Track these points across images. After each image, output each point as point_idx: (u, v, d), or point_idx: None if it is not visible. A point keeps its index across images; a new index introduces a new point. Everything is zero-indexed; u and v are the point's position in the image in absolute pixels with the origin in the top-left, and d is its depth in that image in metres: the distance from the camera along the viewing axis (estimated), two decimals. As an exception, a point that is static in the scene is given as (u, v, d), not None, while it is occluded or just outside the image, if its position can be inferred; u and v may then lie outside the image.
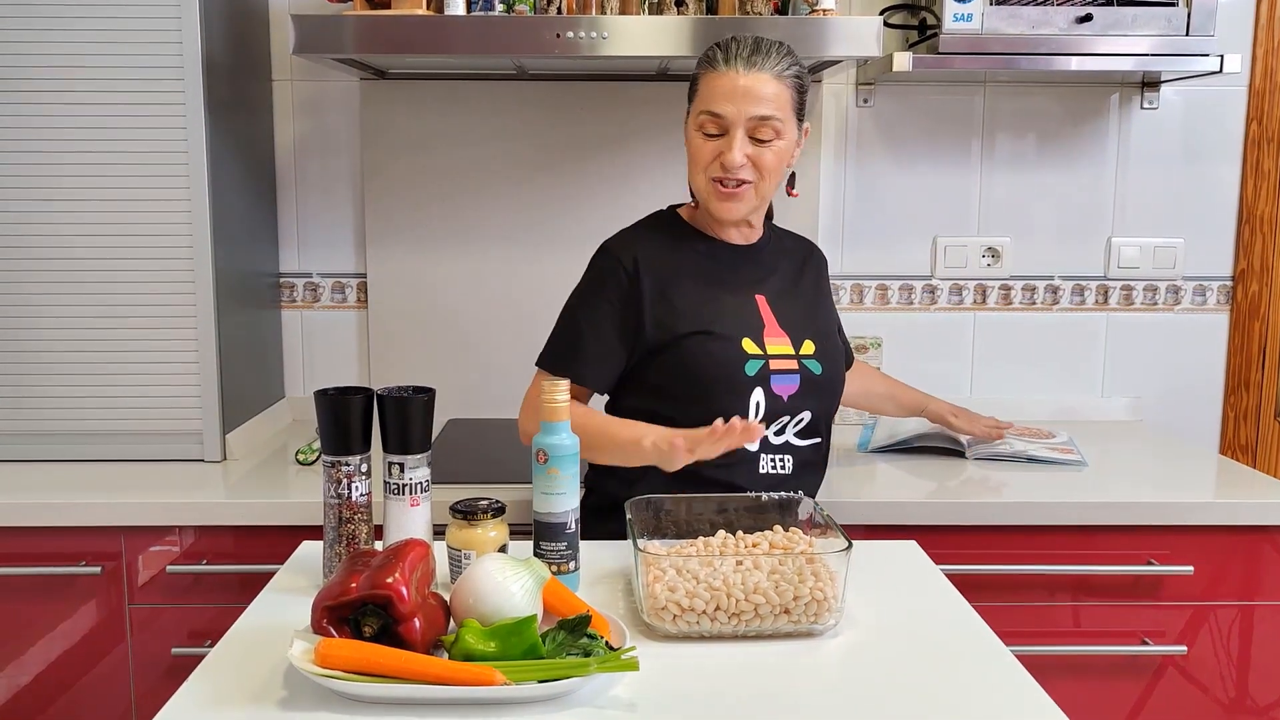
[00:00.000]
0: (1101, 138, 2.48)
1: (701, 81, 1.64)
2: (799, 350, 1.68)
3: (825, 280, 1.86)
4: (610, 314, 1.67)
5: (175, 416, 2.12)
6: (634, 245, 1.71)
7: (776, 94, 1.60)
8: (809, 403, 1.68)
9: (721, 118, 1.59)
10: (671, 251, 1.71)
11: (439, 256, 2.46)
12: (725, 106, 1.59)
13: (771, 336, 1.67)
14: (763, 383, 1.64)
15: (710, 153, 1.62)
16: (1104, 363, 2.56)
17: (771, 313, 1.70)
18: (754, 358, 1.64)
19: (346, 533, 1.34)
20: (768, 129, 1.60)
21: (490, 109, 2.41)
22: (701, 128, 1.62)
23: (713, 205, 1.66)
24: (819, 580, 1.24)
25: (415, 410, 1.33)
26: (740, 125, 1.59)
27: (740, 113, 1.58)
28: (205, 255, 2.07)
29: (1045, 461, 2.14)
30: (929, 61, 2.16)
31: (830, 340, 1.76)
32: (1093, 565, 1.93)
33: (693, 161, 1.66)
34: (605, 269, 1.70)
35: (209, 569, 1.91)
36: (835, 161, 2.49)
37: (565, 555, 1.34)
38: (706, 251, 1.73)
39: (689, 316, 1.66)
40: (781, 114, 1.61)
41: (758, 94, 1.58)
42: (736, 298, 1.69)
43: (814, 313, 1.77)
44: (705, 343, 1.64)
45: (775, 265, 1.77)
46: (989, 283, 2.53)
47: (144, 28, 2.01)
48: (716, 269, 1.71)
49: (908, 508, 1.91)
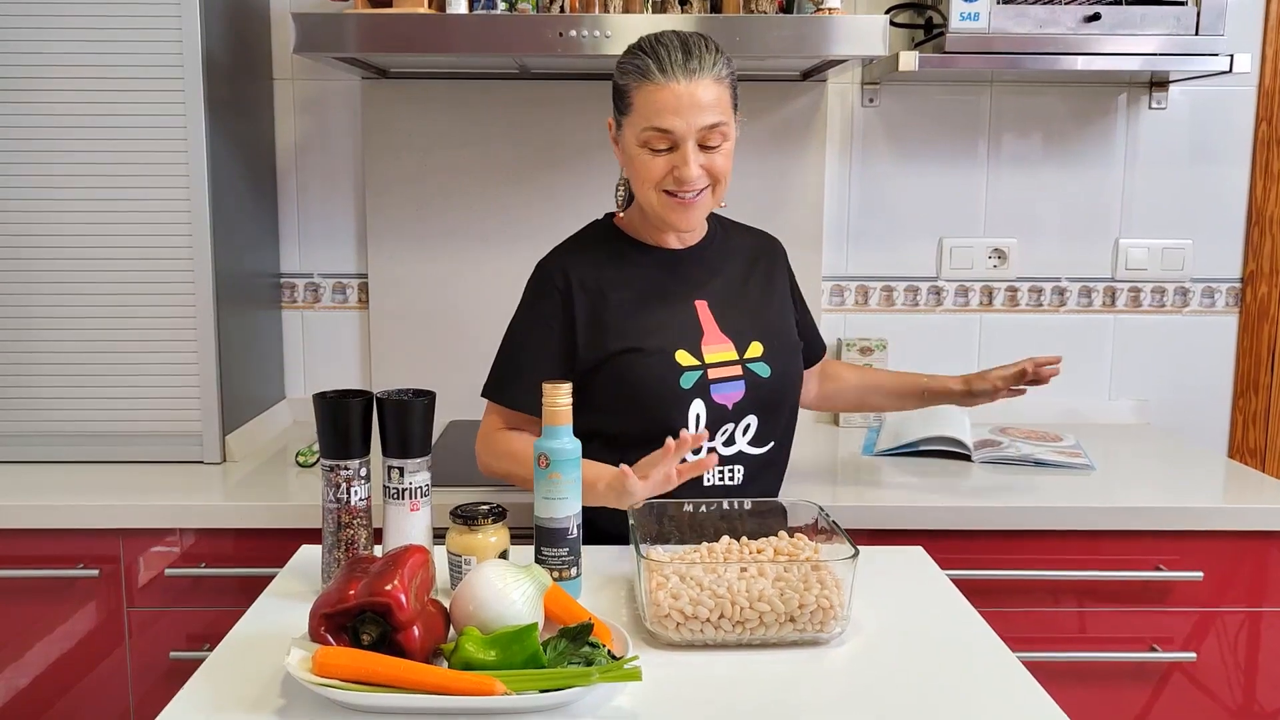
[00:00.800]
0: (1109, 138, 2.46)
1: (637, 95, 1.54)
2: (744, 354, 1.64)
3: (782, 275, 1.79)
4: (547, 336, 1.64)
5: (175, 418, 2.10)
6: (565, 262, 1.67)
7: (718, 97, 1.53)
8: (756, 409, 1.63)
9: (670, 133, 1.52)
10: (604, 265, 1.66)
11: (441, 257, 2.45)
12: (673, 121, 1.51)
13: (711, 344, 1.63)
14: (702, 393, 1.59)
15: (661, 169, 1.55)
16: (1111, 365, 2.53)
17: (713, 318, 1.65)
18: (690, 369, 1.60)
19: (345, 538, 1.32)
20: (716, 134, 1.54)
21: (493, 108, 2.40)
22: (647, 144, 1.54)
23: (669, 217, 1.59)
24: (825, 588, 1.22)
25: (415, 414, 1.31)
26: (691, 138, 1.52)
27: (690, 126, 1.51)
28: (205, 255, 2.06)
29: (1053, 465, 2.12)
30: (935, 61, 2.14)
31: (782, 338, 1.70)
32: (1101, 571, 1.90)
33: (641, 180, 1.57)
34: (538, 289, 1.68)
35: (208, 572, 1.89)
36: (840, 162, 2.47)
37: (567, 561, 1.32)
38: (642, 261, 1.68)
39: (619, 333, 1.61)
40: (726, 116, 1.55)
41: (703, 103, 1.51)
42: (672, 307, 1.64)
43: (763, 311, 1.71)
44: (636, 360, 1.59)
45: (719, 266, 1.71)
46: (995, 284, 2.51)
47: (144, 26, 1.99)
48: (652, 279, 1.66)
49: (913, 512, 1.89)
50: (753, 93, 2.39)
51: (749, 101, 2.38)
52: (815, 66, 2.26)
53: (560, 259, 1.69)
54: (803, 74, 2.38)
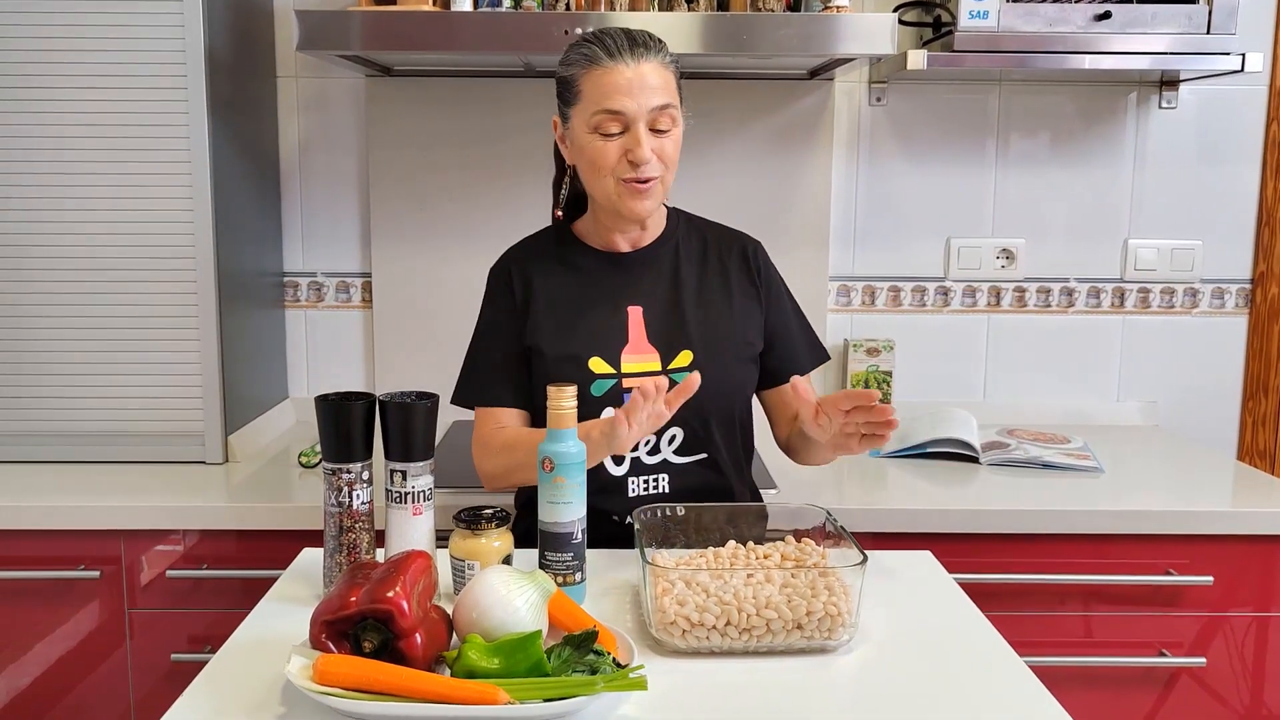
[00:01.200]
0: (1118, 138, 2.44)
1: (584, 81, 1.52)
2: (669, 364, 1.60)
3: (747, 278, 1.69)
4: (505, 331, 1.65)
5: (177, 418, 2.09)
6: (513, 262, 1.68)
7: (665, 82, 1.53)
8: (679, 419, 1.57)
9: (622, 114, 1.50)
10: (545, 265, 1.66)
11: (445, 256, 2.43)
12: (624, 102, 1.49)
13: (633, 353, 1.60)
14: (614, 402, 1.57)
15: (615, 153, 1.52)
16: (1119, 366, 2.51)
17: (643, 325, 1.62)
18: (602, 377, 1.58)
19: (347, 542, 1.31)
20: (666, 118, 1.52)
21: (498, 106, 2.38)
22: (598, 129, 1.52)
23: (625, 205, 1.55)
24: (832, 594, 1.20)
25: (418, 416, 1.30)
26: (642, 119, 1.50)
27: (641, 107, 1.50)
28: (208, 254, 2.04)
29: (1061, 468, 2.10)
30: (943, 59, 2.12)
31: (725, 346, 1.63)
32: (1109, 575, 1.89)
33: (595, 167, 1.54)
34: (492, 289, 1.69)
35: (209, 574, 1.88)
36: (847, 161, 2.45)
37: (571, 566, 1.31)
38: (583, 264, 1.66)
39: (543, 336, 1.62)
40: (674, 99, 1.54)
41: (652, 84, 1.50)
42: (600, 313, 1.62)
43: (709, 318, 1.64)
44: (551, 364, 1.59)
45: (667, 269, 1.66)
46: (1003, 285, 2.49)
47: (147, 24, 1.98)
48: (588, 282, 1.65)
49: (920, 515, 1.87)
50: (759, 91, 2.37)
51: (755, 100, 2.37)
52: (822, 65, 2.24)
53: (509, 258, 1.70)
54: (810, 72, 2.36)
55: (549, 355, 1.60)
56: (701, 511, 1.42)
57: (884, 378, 2.43)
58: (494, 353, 1.66)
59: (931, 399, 2.48)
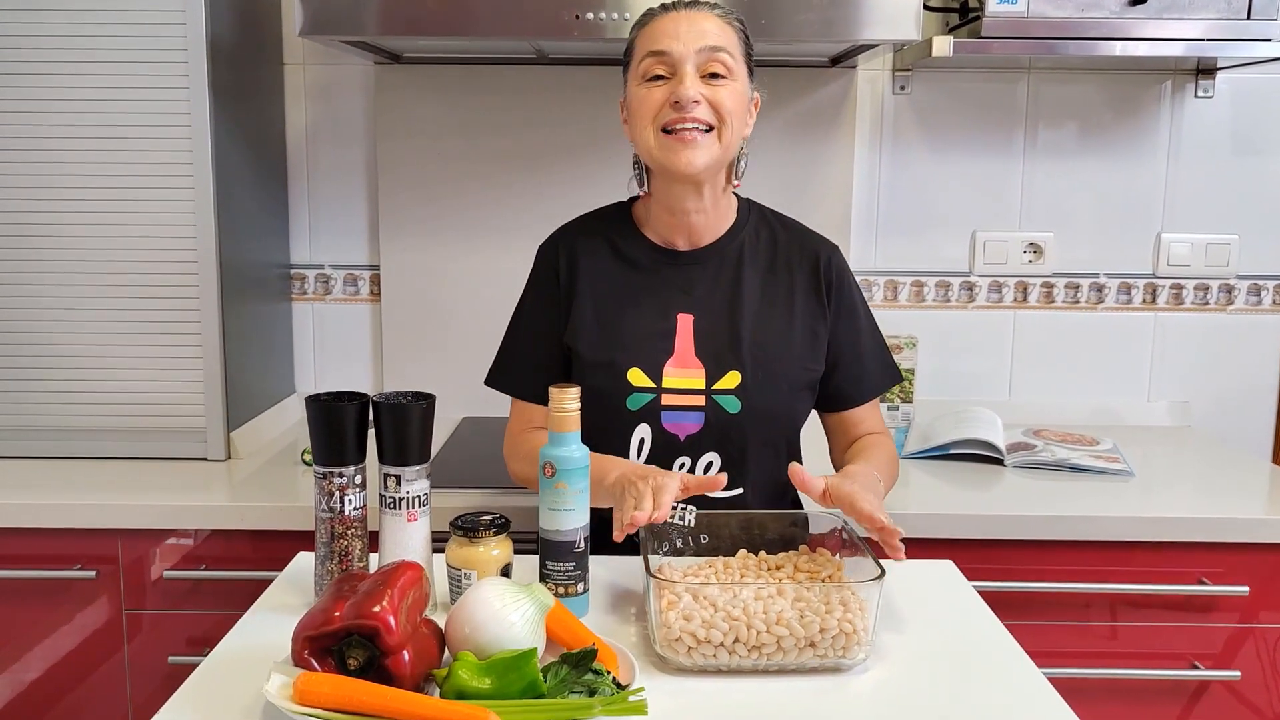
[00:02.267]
0: (1152, 127, 2.35)
1: (638, 37, 1.46)
2: (713, 384, 1.47)
3: (819, 291, 1.55)
4: (544, 319, 1.56)
5: (178, 413, 2.04)
6: (566, 243, 1.57)
7: (722, 30, 1.44)
8: (716, 445, 1.48)
9: (667, 54, 1.41)
10: (601, 254, 1.55)
11: (455, 248, 2.37)
12: (669, 43, 1.41)
13: (677, 366, 1.48)
14: (650, 419, 1.47)
15: (659, 99, 1.41)
16: (1151, 365, 2.43)
17: (692, 336, 1.50)
18: (640, 390, 1.47)
19: (339, 549, 1.25)
20: (720, 64, 1.42)
21: (509, 94, 2.31)
22: (645, 76, 1.43)
23: (667, 159, 1.42)
24: (848, 610, 1.13)
25: (413, 418, 1.23)
26: (689, 60, 1.40)
27: (687, 47, 1.40)
28: (210, 245, 1.99)
29: (1089, 471, 2.02)
30: (970, 46, 2.04)
31: (778, 370, 1.50)
32: (1139, 584, 1.81)
33: (638, 116, 1.44)
34: (537, 270, 1.59)
35: (208, 574, 1.83)
36: (870, 151, 2.37)
37: (573, 576, 1.25)
38: (637, 257, 1.54)
39: (584, 336, 1.51)
40: (732, 49, 1.44)
41: (703, 27, 1.42)
42: (648, 318, 1.51)
43: (766, 334, 1.51)
44: (586, 369, 1.49)
45: (726, 273, 1.53)
46: (1030, 280, 2.40)
47: (147, 8, 1.92)
48: (639, 281, 1.53)
49: (942, 520, 1.80)
50: (780, 79, 2.30)
51: (775, 88, 2.29)
52: (845, 51, 2.16)
53: (563, 238, 1.59)
54: (831, 59, 2.28)
55: (585, 359, 1.50)
56: (714, 518, 1.35)
57: (906, 375, 2.35)
58: (531, 341, 1.57)
59: (955, 397, 2.40)
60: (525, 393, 1.57)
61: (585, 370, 1.50)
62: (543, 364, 1.55)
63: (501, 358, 1.61)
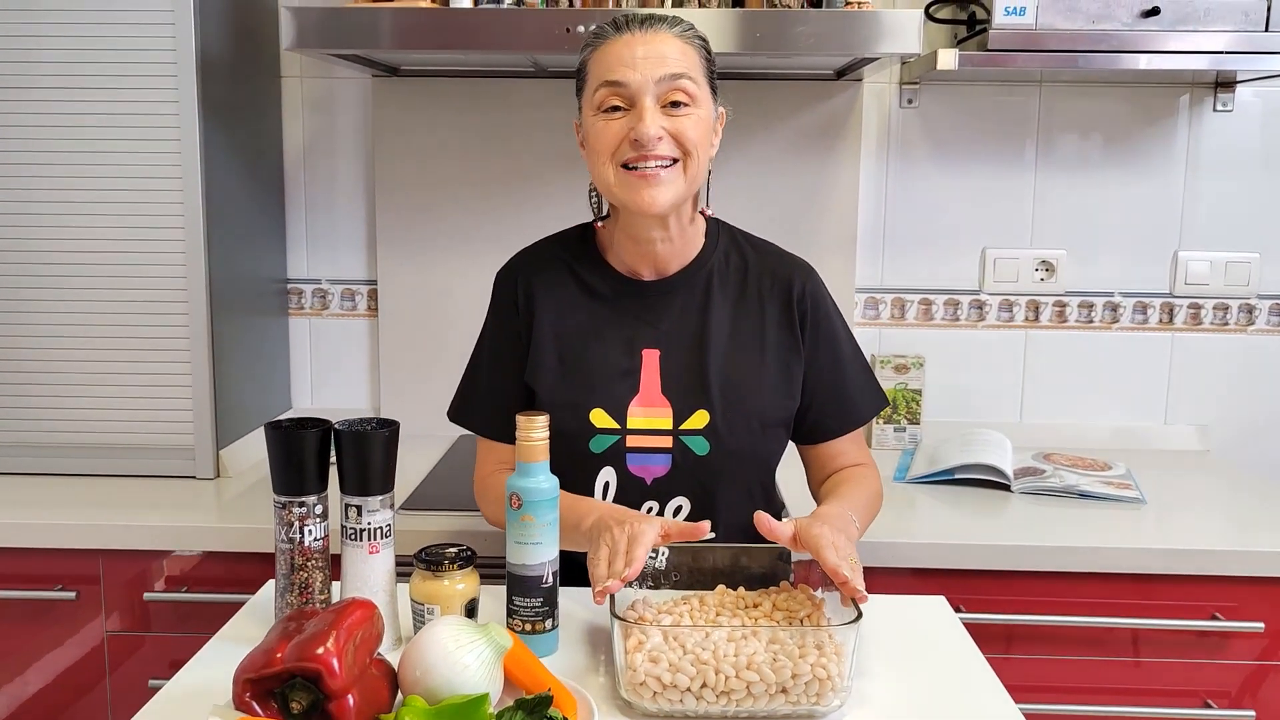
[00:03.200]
0: (1169, 142, 2.27)
1: (591, 61, 1.35)
2: (681, 424, 1.39)
3: (791, 321, 1.46)
4: (506, 351, 1.48)
5: (166, 430, 2.01)
6: (519, 272, 1.49)
7: (683, 53, 1.32)
8: (685, 488, 1.41)
9: (624, 85, 1.30)
10: (562, 285, 1.46)
11: (454, 262, 2.33)
12: (626, 72, 1.30)
13: (642, 405, 1.40)
14: (615, 461, 1.40)
15: (616, 133, 1.32)
16: (1168, 387, 2.35)
17: (659, 373, 1.41)
18: (604, 432, 1.39)
19: (299, 581, 1.21)
20: (681, 91, 1.31)
21: (508, 107, 2.27)
22: (600, 106, 1.33)
23: (629, 198, 1.33)
24: (823, 654, 1.07)
25: (376, 446, 1.19)
26: (648, 92, 1.30)
27: (645, 77, 1.30)
28: (199, 260, 1.96)
29: (1099, 498, 1.95)
30: (977, 59, 1.98)
31: (748, 407, 1.41)
32: (1151, 618, 1.74)
33: (595, 152, 1.34)
34: (496, 299, 1.52)
35: (190, 597, 1.80)
36: (876, 166, 2.31)
37: (540, 613, 1.19)
38: (599, 288, 1.46)
39: (544, 376, 1.44)
40: (694, 73, 1.33)
41: (661, 52, 1.30)
42: (612, 354, 1.42)
43: (734, 373, 1.42)
44: (550, 410, 1.34)
45: (693, 305, 1.44)
46: (1042, 299, 2.33)
47: (135, 22, 1.90)
48: (604, 313, 1.45)
49: (943, 550, 1.74)
50: (783, 93, 2.25)
51: (778, 101, 2.25)
52: (849, 65, 2.11)
53: (521, 265, 1.51)
54: (837, 73, 2.23)
55: (545, 400, 1.43)
56: (697, 551, 1.29)
57: (913, 396, 2.29)
58: (494, 375, 1.50)
59: (963, 420, 2.33)
60: (490, 430, 1.50)
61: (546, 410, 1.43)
62: (506, 401, 1.47)
63: (465, 391, 1.54)
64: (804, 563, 1.27)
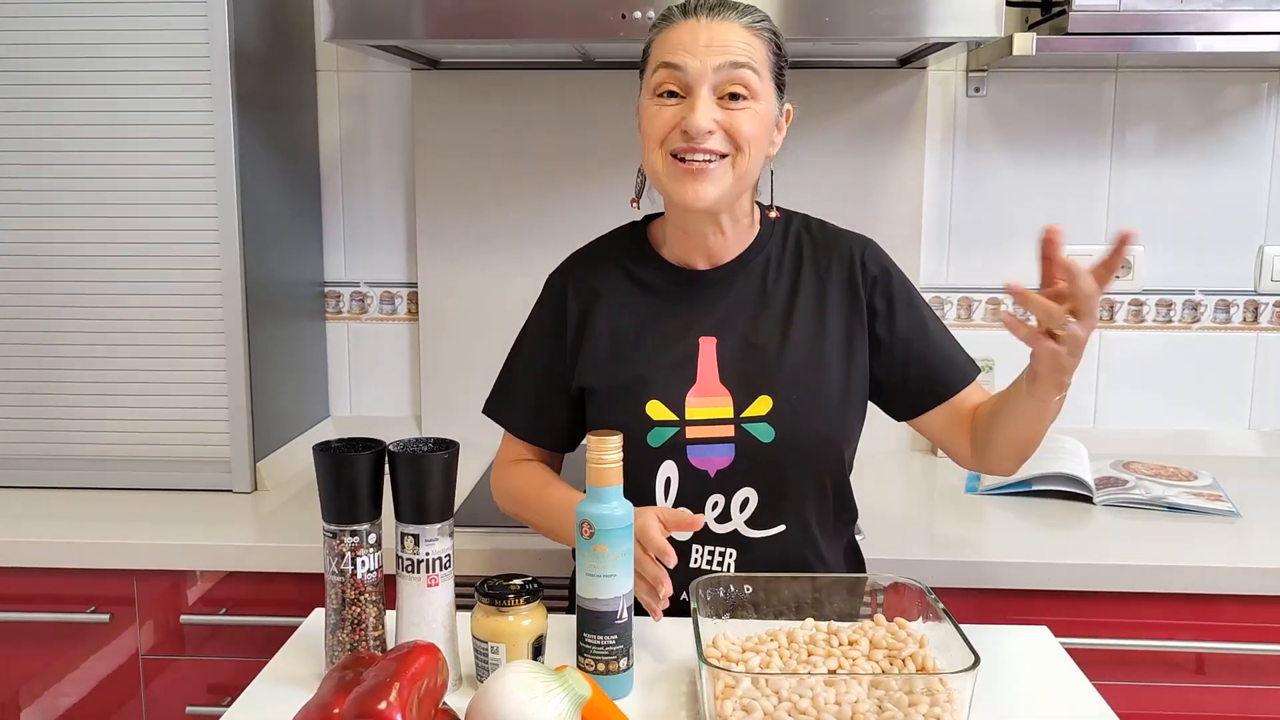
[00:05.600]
0: (1253, 130, 2.14)
1: (654, 44, 1.31)
2: (742, 411, 1.33)
3: (855, 292, 1.38)
4: (545, 354, 1.44)
5: (201, 441, 1.93)
6: (574, 271, 1.44)
7: (748, 44, 1.26)
8: (751, 479, 1.34)
9: (681, 70, 1.25)
10: (608, 279, 1.42)
11: (497, 263, 2.23)
12: (684, 57, 1.25)
13: (701, 395, 1.34)
14: (676, 455, 1.33)
15: (668, 119, 1.26)
16: (1251, 391, 2.22)
17: (716, 362, 1.35)
18: (662, 424, 1.33)
19: (351, 616, 1.11)
20: (740, 83, 1.25)
21: (553, 100, 2.17)
22: (657, 90, 1.28)
23: (674, 189, 1.28)
24: (935, 703, 0.96)
25: (433, 470, 1.09)
26: (705, 81, 1.24)
27: (704, 65, 1.24)
28: (234, 263, 1.87)
29: (1190, 510, 1.83)
30: (1056, 43, 1.86)
31: (813, 392, 1.34)
32: (1257, 643, 1.61)
33: (646, 135, 1.30)
34: (544, 301, 1.47)
35: (230, 620, 1.71)
36: (941, 158, 2.19)
37: (614, 651, 1.09)
38: (652, 281, 1.41)
39: (591, 366, 1.38)
40: (757, 65, 1.26)
41: (724, 40, 1.25)
42: (667, 344, 1.37)
43: (796, 354, 1.35)
44: (604, 404, 1.36)
45: (751, 291, 1.39)
46: (1118, 297, 2.21)
47: (167, 14, 1.81)
48: (655, 306, 1.39)
49: (1027, 569, 1.62)
50: (843, 81, 2.13)
51: (838, 91, 2.13)
52: (914, 51, 1.99)
53: (571, 266, 1.47)
54: (900, 60, 2.11)
55: (600, 395, 1.37)
56: (777, 582, 1.19)
57: (981, 401, 2.16)
58: (529, 376, 1.47)
59: (1035, 425, 2.21)
60: (516, 428, 1.49)
61: (601, 408, 1.37)
62: (537, 402, 1.46)
63: (501, 386, 1.51)
64: (895, 588, 1.16)
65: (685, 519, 1.20)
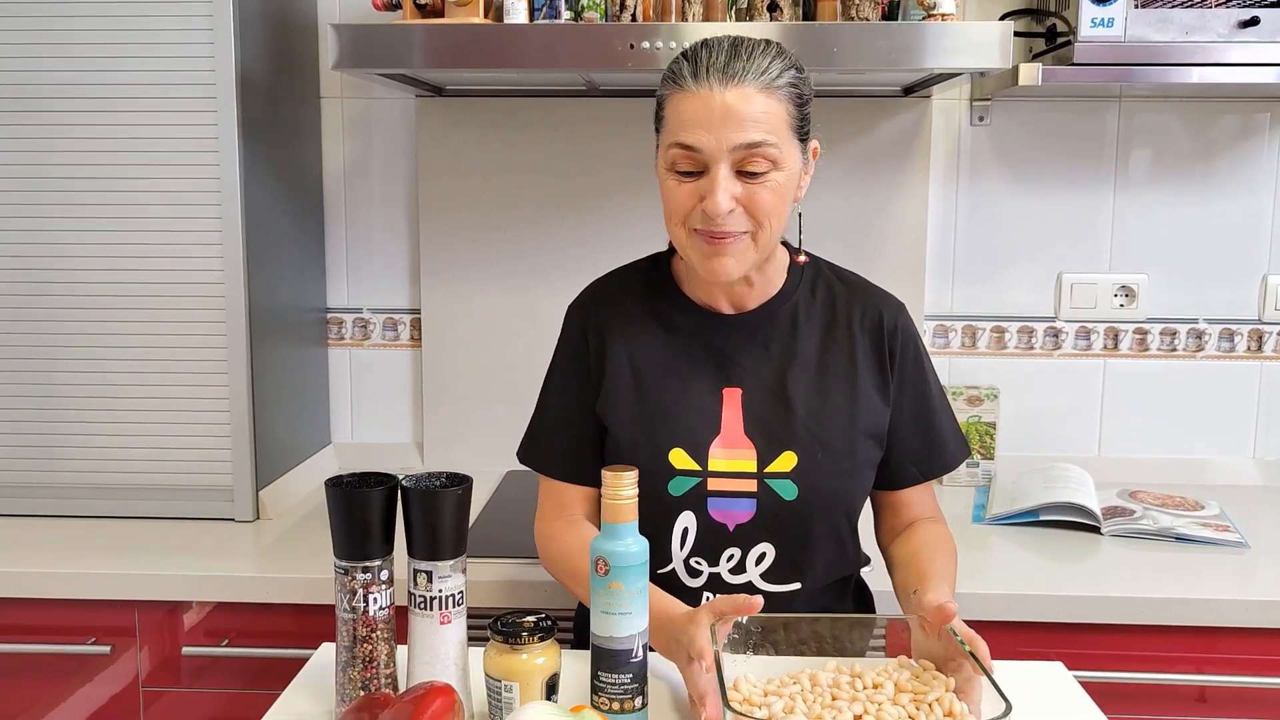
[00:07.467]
0: (1257, 160, 2.15)
1: (668, 106, 1.26)
2: (765, 466, 1.30)
3: (882, 357, 1.37)
4: (574, 388, 1.39)
5: (203, 469, 1.91)
6: (597, 305, 1.41)
7: (766, 111, 1.20)
8: (770, 535, 1.31)
9: (697, 151, 1.21)
10: (637, 317, 1.38)
11: (501, 291, 2.22)
12: (699, 136, 1.20)
13: (725, 447, 1.31)
14: (695, 506, 1.30)
15: (687, 198, 1.24)
16: (1257, 419, 2.22)
17: (741, 413, 1.33)
18: (684, 474, 1.30)
19: (363, 654, 1.10)
20: (759, 159, 1.21)
21: (558, 128, 2.17)
22: (673, 166, 1.25)
23: (700, 263, 1.27)
24: (960, 746, 0.95)
25: (446, 506, 1.08)
26: (722, 160, 1.21)
27: (720, 144, 1.20)
28: (238, 289, 1.86)
29: (1198, 541, 1.82)
30: (1062, 74, 1.86)
31: (839, 448, 1.32)
32: (1266, 676, 1.61)
33: (667, 212, 1.28)
34: (567, 332, 1.43)
35: (232, 651, 1.69)
36: (945, 187, 2.19)
37: (629, 690, 1.08)
38: (677, 323, 1.37)
39: (619, 411, 1.35)
40: (776, 136, 1.21)
41: (740, 115, 1.19)
42: (690, 391, 1.34)
43: (823, 410, 1.33)
44: (626, 449, 1.32)
45: (778, 340, 1.36)
46: (1122, 326, 2.21)
47: (173, 41, 1.81)
48: (680, 349, 1.36)
49: (1034, 601, 1.61)
50: (846, 111, 2.14)
51: (842, 120, 2.13)
52: (919, 81, 2.00)
53: (592, 298, 1.43)
54: (904, 89, 2.12)
55: (621, 438, 1.33)
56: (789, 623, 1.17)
57: (986, 430, 2.16)
58: (561, 413, 1.41)
59: (1040, 454, 2.21)
60: (552, 469, 1.41)
61: (621, 450, 1.33)
62: (574, 439, 1.39)
63: (533, 431, 1.45)
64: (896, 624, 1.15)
65: (744, 605, 1.11)
